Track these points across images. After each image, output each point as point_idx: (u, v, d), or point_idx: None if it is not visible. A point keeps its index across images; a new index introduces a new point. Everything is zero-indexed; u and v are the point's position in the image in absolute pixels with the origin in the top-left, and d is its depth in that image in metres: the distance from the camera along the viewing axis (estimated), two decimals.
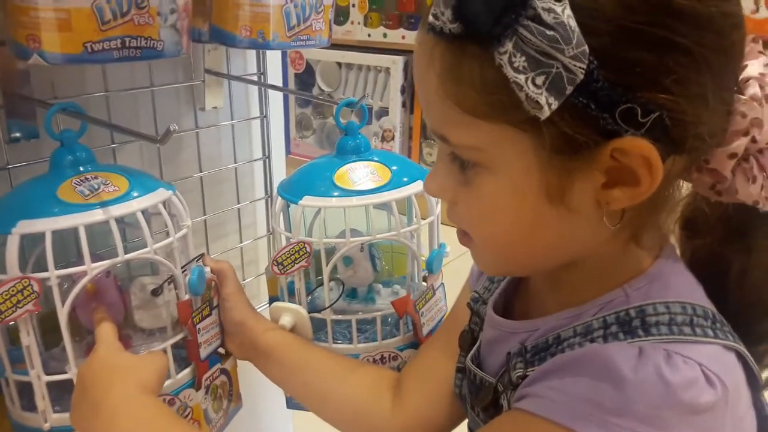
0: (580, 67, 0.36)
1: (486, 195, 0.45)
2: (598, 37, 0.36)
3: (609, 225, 0.43)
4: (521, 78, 0.37)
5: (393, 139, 2.65)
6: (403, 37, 2.53)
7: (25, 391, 0.61)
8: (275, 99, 1.02)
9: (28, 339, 0.57)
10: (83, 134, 0.63)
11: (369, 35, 2.64)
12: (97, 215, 0.57)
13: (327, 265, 0.73)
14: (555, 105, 0.37)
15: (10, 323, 0.56)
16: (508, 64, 0.37)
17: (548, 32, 0.36)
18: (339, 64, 2.77)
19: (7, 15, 0.57)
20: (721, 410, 0.40)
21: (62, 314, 0.57)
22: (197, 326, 0.66)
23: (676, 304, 0.44)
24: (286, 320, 0.73)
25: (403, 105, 2.62)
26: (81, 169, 0.60)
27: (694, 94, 0.39)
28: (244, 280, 1.02)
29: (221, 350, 0.73)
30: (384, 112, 2.66)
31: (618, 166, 0.40)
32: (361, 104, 0.80)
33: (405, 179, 0.74)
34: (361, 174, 0.74)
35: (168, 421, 0.55)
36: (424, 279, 0.79)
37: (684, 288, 0.47)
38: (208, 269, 0.70)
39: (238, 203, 0.99)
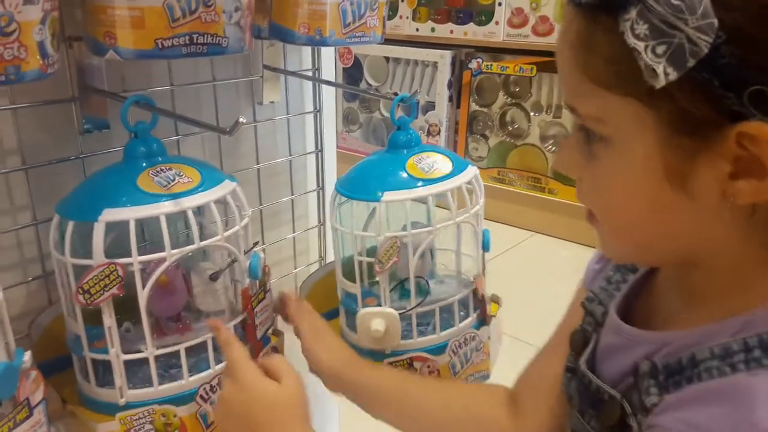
0: (704, 40, 0.35)
1: (607, 170, 0.44)
2: (732, 12, 0.34)
3: (734, 220, 0.40)
4: (640, 45, 0.36)
5: (439, 133, 2.65)
6: (451, 32, 2.53)
7: (96, 368, 0.65)
8: (328, 94, 1.04)
9: (111, 320, 0.61)
10: (154, 126, 0.66)
11: (417, 30, 2.64)
12: (176, 205, 0.61)
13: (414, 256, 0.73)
14: (673, 76, 0.36)
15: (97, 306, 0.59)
16: (630, 31, 0.37)
17: (673, 1, 0.35)
18: (387, 58, 2.78)
19: (85, 13, 0.61)
20: None
21: (142, 298, 0.61)
22: (254, 310, 0.69)
23: None
24: (380, 325, 0.74)
25: (450, 99, 2.62)
26: (155, 160, 0.64)
27: None
28: (295, 269, 1.06)
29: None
30: (431, 106, 2.66)
31: (747, 155, 0.37)
32: (411, 101, 0.82)
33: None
34: (429, 162, 0.76)
35: None
36: None
37: None
38: (262, 255, 0.73)
39: (292, 195, 1.02)
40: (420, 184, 0.73)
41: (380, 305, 0.76)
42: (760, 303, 0.42)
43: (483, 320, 0.80)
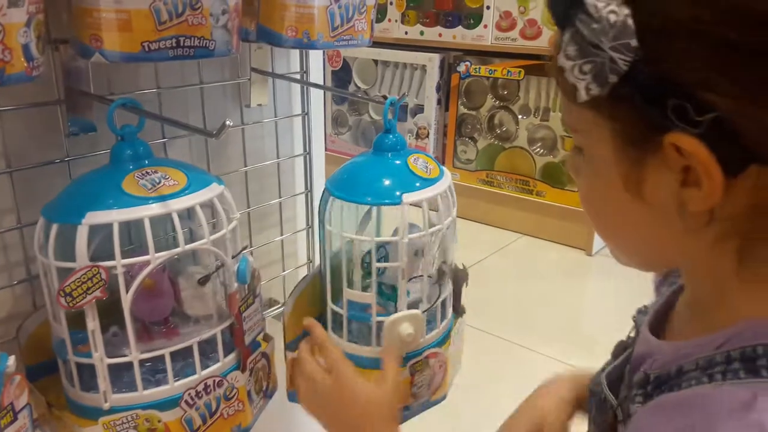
0: (622, 59, 0.38)
1: (582, 178, 0.47)
2: (650, 32, 0.37)
3: (697, 228, 0.41)
4: (568, 64, 0.40)
5: (428, 136, 2.66)
6: (440, 35, 2.53)
7: (81, 372, 0.64)
8: (316, 97, 1.04)
9: (94, 324, 0.60)
10: (141, 129, 0.66)
11: (406, 33, 2.65)
12: (160, 208, 0.60)
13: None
14: (596, 92, 0.39)
15: (80, 309, 0.59)
16: (563, 51, 0.40)
17: (594, 24, 0.38)
18: (375, 61, 2.79)
19: (71, 16, 0.61)
20: None
21: (126, 301, 0.60)
22: (243, 314, 0.69)
23: None
24: (410, 329, 0.73)
25: (438, 102, 2.62)
26: (141, 163, 0.63)
27: (762, 97, 0.36)
28: (284, 271, 1.05)
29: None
30: (419, 109, 2.67)
31: (690, 164, 0.39)
32: (399, 103, 0.82)
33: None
34: (423, 163, 0.77)
35: None
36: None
37: None
38: (251, 259, 0.73)
39: (280, 197, 1.02)
40: (426, 184, 0.74)
41: (388, 311, 0.77)
42: (746, 316, 0.42)
43: (457, 311, 0.82)
